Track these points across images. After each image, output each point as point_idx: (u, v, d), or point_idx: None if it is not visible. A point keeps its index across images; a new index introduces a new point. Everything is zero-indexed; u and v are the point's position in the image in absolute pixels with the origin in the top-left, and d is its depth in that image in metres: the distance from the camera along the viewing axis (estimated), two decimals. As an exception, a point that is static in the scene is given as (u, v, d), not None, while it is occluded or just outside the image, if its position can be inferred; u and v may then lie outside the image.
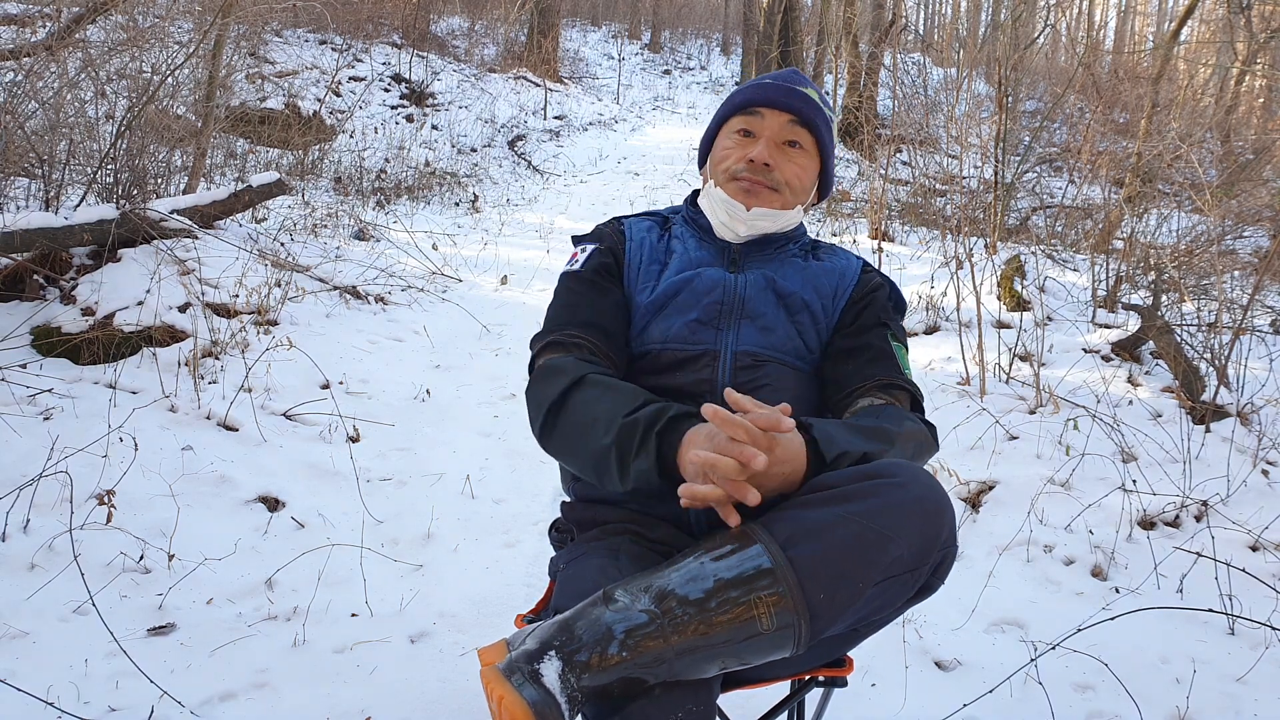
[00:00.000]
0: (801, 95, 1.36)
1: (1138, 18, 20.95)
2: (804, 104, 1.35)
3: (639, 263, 1.40)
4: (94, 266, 3.48)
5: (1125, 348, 3.76)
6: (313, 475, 2.73)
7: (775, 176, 1.35)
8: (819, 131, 1.37)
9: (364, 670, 1.89)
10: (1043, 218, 6.93)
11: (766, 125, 1.36)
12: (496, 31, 14.58)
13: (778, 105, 1.35)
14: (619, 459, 1.13)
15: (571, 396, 1.21)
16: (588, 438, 1.17)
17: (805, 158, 1.37)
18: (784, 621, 0.99)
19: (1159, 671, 2.01)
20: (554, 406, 1.22)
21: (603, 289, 1.36)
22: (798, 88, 1.37)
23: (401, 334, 4.07)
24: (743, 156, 1.36)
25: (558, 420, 1.22)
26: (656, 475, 1.11)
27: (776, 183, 1.35)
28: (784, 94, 1.35)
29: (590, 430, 1.16)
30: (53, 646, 1.85)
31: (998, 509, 2.72)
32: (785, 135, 1.36)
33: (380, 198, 6.97)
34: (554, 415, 1.22)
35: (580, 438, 1.18)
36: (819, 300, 1.36)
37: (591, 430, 1.16)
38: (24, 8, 5.79)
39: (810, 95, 1.37)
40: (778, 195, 1.36)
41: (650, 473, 1.11)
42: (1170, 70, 8.38)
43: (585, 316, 1.33)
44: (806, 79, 1.40)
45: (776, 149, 1.36)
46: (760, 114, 1.36)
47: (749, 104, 1.37)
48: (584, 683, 0.96)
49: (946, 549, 1.06)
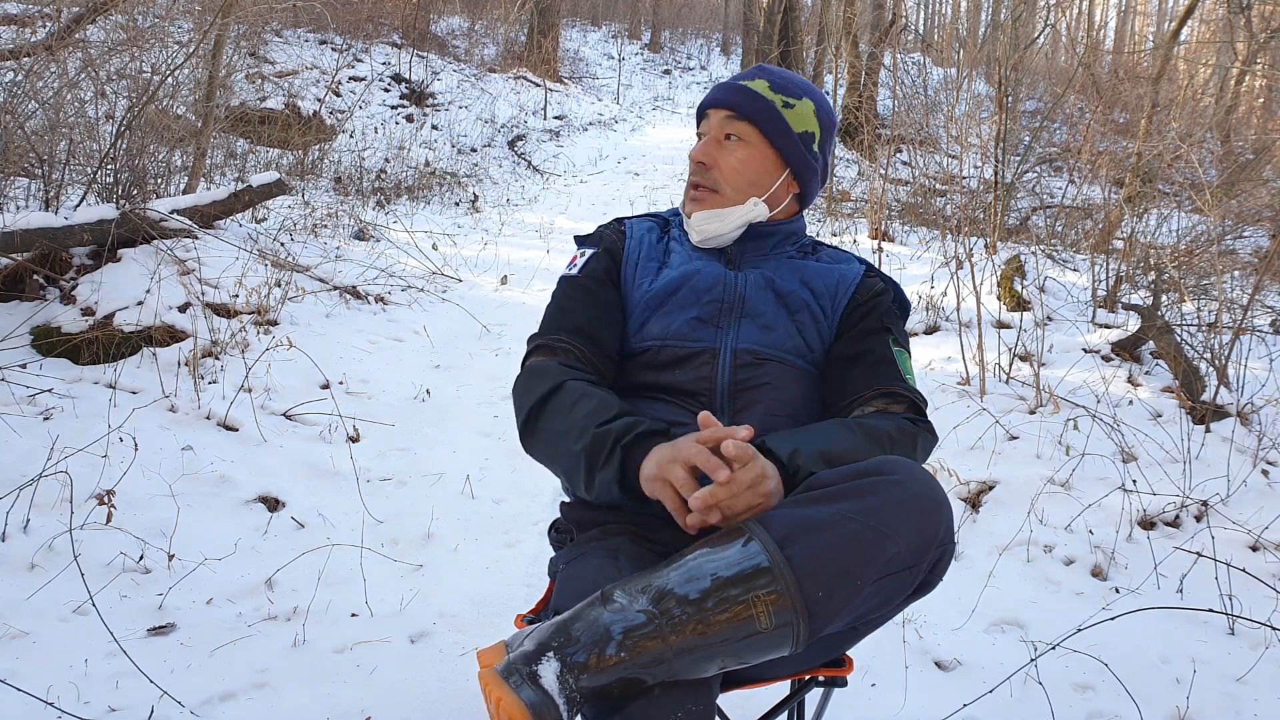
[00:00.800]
0: (740, 89, 1.35)
1: (1138, 18, 20.96)
2: (740, 96, 1.35)
3: (638, 258, 1.41)
4: (94, 266, 3.48)
5: (1125, 348, 3.76)
6: (313, 475, 2.73)
7: (713, 175, 1.36)
8: (760, 120, 1.34)
9: (364, 670, 1.89)
10: (1043, 218, 6.93)
11: (710, 125, 1.37)
12: (496, 31, 14.58)
13: (718, 104, 1.37)
14: (587, 468, 1.16)
15: (551, 402, 1.24)
16: (563, 443, 1.20)
17: (745, 149, 1.36)
18: (782, 620, 0.99)
19: (1159, 671, 2.01)
20: (534, 410, 1.25)
21: (596, 296, 1.38)
22: (741, 82, 1.37)
23: (401, 334, 4.07)
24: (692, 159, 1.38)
25: (537, 424, 1.25)
26: (618, 488, 1.14)
27: (715, 182, 1.36)
28: (725, 91, 1.36)
29: (565, 437, 1.19)
30: (53, 646, 1.85)
31: (998, 509, 2.72)
32: (722, 130, 1.36)
33: (380, 198, 6.97)
34: (534, 419, 1.25)
35: (556, 443, 1.22)
36: (817, 300, 1.36)
37: (566, 437, 1.19)
38: (24, 8, 5.79)
39: (753, 87, 1.35)
40: (717, 195, 1.36)
41: (612, 485, 1.14)
42: (1170, 70, 8.38)
43: (576, 323, 1.35)
44: (772, 71, 1.39)
45: (714, 145, 1.36)
46: (707, 115, 1.38)
47: (700, 109, 1.40)
48: (582, 684, 0.96)
49: (944, 546, 1.06)
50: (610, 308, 1.37)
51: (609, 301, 1.38)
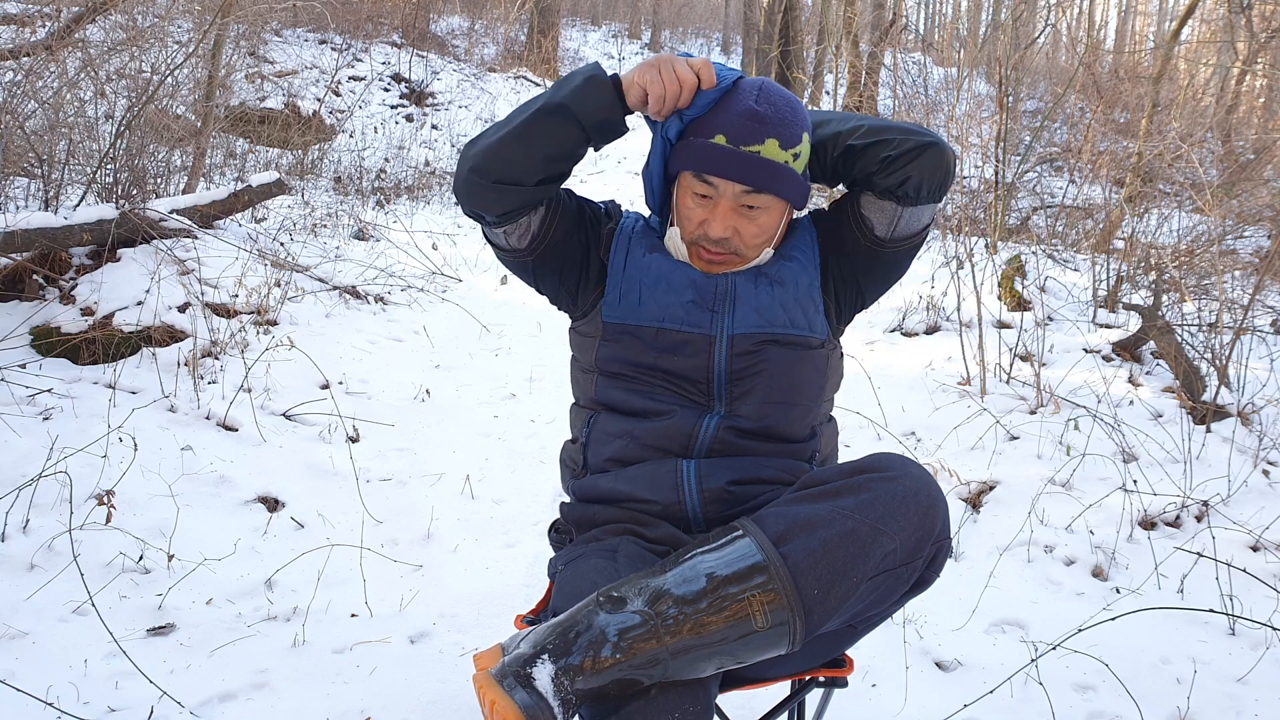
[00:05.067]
0: (757, 164, 1.25)
1: (1138, 17, 20.95)
2: (759, 173, 1.26)
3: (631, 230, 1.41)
4: (93, 266, 3.48)
5: (1126, 348, 3.76)
6: (312, 475, 2.73)
7: (734, 244, 1.31)
8: (780, 190, 1.28)
9: (364, 670, 1.89)
10: (1043, 217, 6.93)
11: (721, 193, 1.28)
12: (496, 31, 14.58)
13: (729, 177, 1.26)
14: (549, 92, 1.23)
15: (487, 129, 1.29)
16: (510, 120, 1.24)
17: (766, 215, 1.31)
18: (778, 619, 0.99)
19: (1160, 672, 2.00)
20: (467, 148, 1.28)
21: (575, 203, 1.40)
22: (754, 151, 1.25)
23: (401, 334, 4.07)
24: (701, 226, 1.31)
25: (476, 139, 1.27)
26: (591, 83, 1.21)
27: (737, 249, 1.32)
28: (736, 165, 1.25)
29: (509, 119, 1.24)
30: (52, 647, 1.85)
31: (998, 509, 2.72)
32: (742, 201, 1.29)
33: (380, 197, 6.96)
34: (472, 142, 1.27)
35: (502, 126, 1.25)
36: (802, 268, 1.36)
37: (510, 118, 1.24)
38: (24, 7, 5.78)
39: (767, 157, 1.26)
40: (740, 258, 1.33)
41: (585, 82, 1.21)
42: (1171, 70, 8.38)
43: None
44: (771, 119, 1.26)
45: (734, 214, 1.29)
46: (713, 182, 1.28)
47: (700, 171, 1.28)
48: (578, 686, 0.96)
49: (940, 542, 1.07)
50: (592, 212, 1.41)
51: (592, 211, 1.42)
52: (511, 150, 1.22)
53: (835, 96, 11.35)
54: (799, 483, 1.09)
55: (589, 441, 1.35)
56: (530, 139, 1.22)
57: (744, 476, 1.26)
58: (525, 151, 1.22)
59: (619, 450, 1.30)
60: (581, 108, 1.21)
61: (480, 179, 1.24)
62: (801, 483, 1.09)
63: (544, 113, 1.21)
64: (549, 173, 1.25)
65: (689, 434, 1.27)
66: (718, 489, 1.24)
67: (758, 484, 1.26)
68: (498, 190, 1.24)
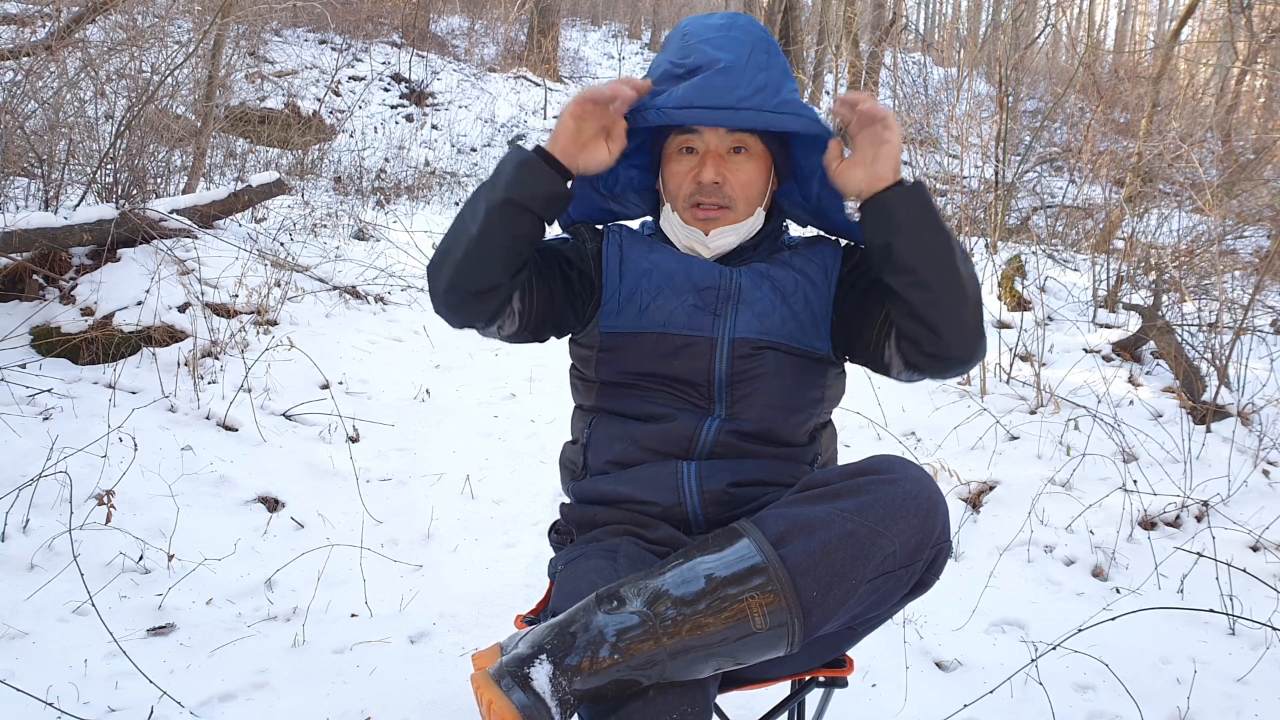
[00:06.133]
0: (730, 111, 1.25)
1: (1138, 17, 20.95)
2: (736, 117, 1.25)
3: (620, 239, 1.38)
4: (93, 266, 3.48)
5: (1126, 348, 3.76)
6: (312, 475, 2.73)
7: (726, 192, 1.31)
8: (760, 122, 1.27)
9: (364, 670, 1.89)
10: (1043, 217, 6.93)
11: (706, 141, 1.30)
12: (496, 31, 14.57)
13: (711, 123, 1.27)
14: (488, 187, 1.20)
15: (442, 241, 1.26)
16: (461, 232, 1.22)
17: (752, 163, 1.31)
18: (777, 620, 0.99)
19: (1160, 672, 2.00)
20: (433, 264, 1.26)
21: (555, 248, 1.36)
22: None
23: (401, 334, 4.07)
24: (693, 178, 1.31)
25: (438, 262, 1.25)
26: (516, 158, 1.19)
27: (728, 199, 1.31)
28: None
29: (460, 229, 1.23)
30: (52, 647, 1.85)
31: (998, 509, 2.72)
32: (728, 144, 1.30)
33: (380, 197, 6.96)
34: (434, 264, 1.25)
35: (456, 239, 1.22)
36: (810, 283, 1.34)
37: (461, 228, 1.23)
38: (24, 7, 5.78)
39: None
40: (732, 211, 1.32)
41: (509, 160, 1.20)
42: (1171, 70, 8.38)
43: None
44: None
45: (722, 161, 1.30)
46: (698, 130, 1.29)
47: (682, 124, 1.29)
48: (576, 686, 0.96)
49: (940, 545, 1.06)
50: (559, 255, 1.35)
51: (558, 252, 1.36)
52: (476, 260, 1.20)
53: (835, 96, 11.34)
54: (799, 485, 1.09)
55: (589, 443, 1.35)
56: (488, 243, 1.19)
57: (744, 478, 1.25)
58: (488, 256, 1.20)
59: (620, 452, 1.30)
60: (522, 194, 1.18)
61: (458, 297, 1.23)
62: (802, 484, 1.09)
63: (491, 214, 1.18)
64: (519, 263, 1.23)
65: (690, 437, 1.27)
66: (718, 491, 1.24)
67: (758, 486, 1.26)
68: (479, 298, 1.22)
